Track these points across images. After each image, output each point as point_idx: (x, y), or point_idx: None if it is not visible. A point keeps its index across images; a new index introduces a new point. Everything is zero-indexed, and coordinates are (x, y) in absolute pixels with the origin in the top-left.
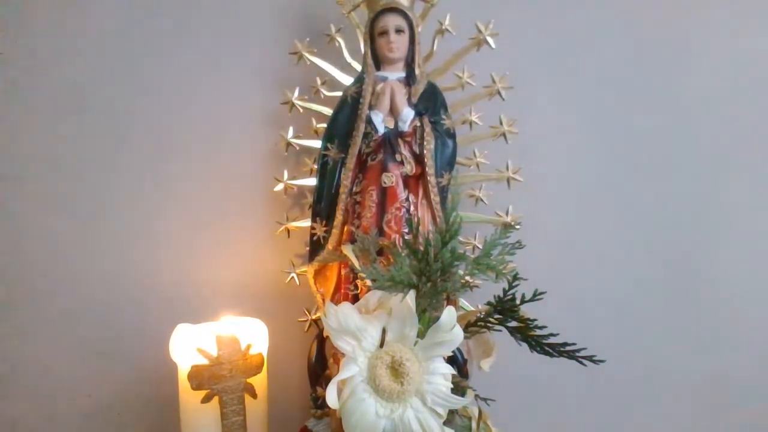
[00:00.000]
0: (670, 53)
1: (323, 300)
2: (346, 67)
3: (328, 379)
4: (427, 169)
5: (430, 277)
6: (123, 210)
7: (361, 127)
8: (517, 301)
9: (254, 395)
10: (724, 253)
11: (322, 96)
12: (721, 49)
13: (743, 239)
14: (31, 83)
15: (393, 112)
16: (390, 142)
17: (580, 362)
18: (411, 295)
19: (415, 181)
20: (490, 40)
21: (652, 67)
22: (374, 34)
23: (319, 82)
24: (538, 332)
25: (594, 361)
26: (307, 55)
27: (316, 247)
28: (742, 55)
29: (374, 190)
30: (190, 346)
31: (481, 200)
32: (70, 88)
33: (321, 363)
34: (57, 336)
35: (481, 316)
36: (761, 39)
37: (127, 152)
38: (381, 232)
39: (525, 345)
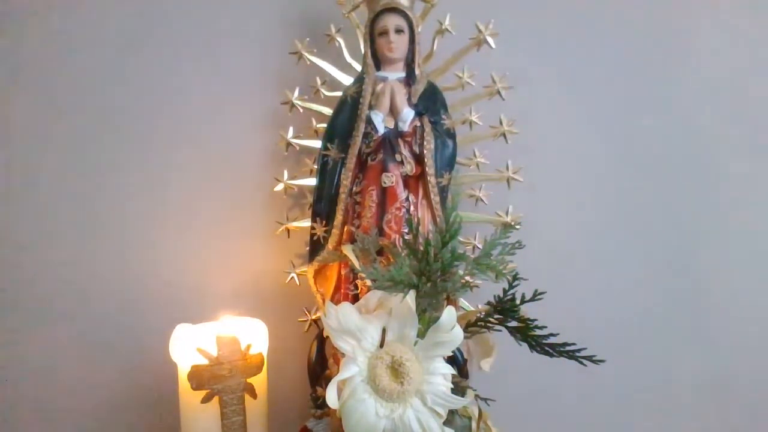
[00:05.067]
0: (671, 53)
1: (323, 300)
2: (346, 67)
3: (328, 379)
4: (427, 169)
5: (430, 277)
6: (122, 210)
7: (361, 127)
8: (517, 301)
9: (254, 395)
10: (725, 252)
11: (322, 96)
12: (722, 49)
13: (744, 239)
14: (30, 84)
15: (393, 112)
16: (390, 142)
17: (580, 362)
18: (411, 295)
19: (415, 181)
20: (490, 40)
21: (652, 66)
22: (374, 34)
23: (319, 82)
24: (538, 332)
25: (594, 361)
26: (307, 55)
27: (316, 247)
28: (743, 54)
29: (374, 190)
30: (190, 346)
31: (481, 200)
32: (69, 88)
33: (321, 363)
34: (57, 336)
35: (481, 316)
36: (762, 38)
37: (127, 152)
38: (381, 232)
39: (525, 345)
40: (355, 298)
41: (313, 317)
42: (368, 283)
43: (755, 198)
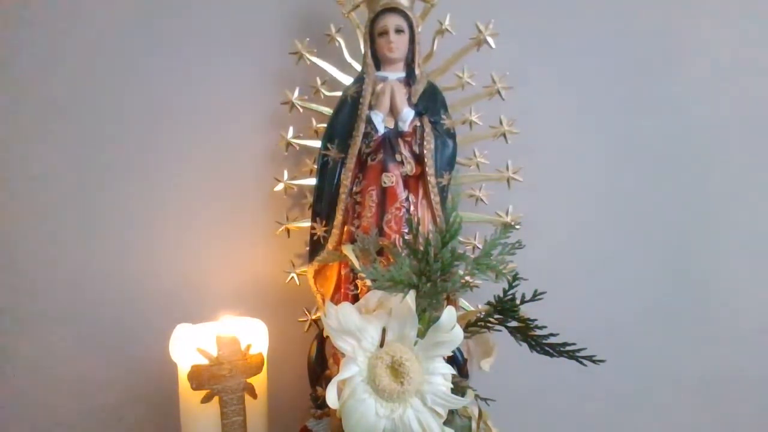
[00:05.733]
0: (672, 53)
1: (323, 300)
2: (346, 67)
3: (328, 379)
4: (427, 169)
5: (430, 277)
6: (122, 210)
7: (361, 127)
8: (517, 301)
9: (254, 395)
10: (725, 252)
11: (322, 96)
12: (721, 49)
13: (744, 239)
14: (28, 83)
15: (393, 112)
16: (390, 142)
17: (580, 362)
18: (411, 295)
19: (415, 181)
20: (490, 40)
21: (653, 66)
22: (374, 34)
23: (319, 82)
24: (538, 332)
25: (594, 361)
26: (307, 55)
27: (316, 247)
28: (743, 54)
29: (374, 190)
30: (190, 346)
31: (481, 200)
32: (68, 88)
33: (321, 363)
34: (57, 337)
35: (481, 316)
36: (762, 38)
37: (127, 152)
38: (381, 232)
39: (525, 345)
40: (355, 298)
41: (313, 317)
42: (368, 283)
43: (755, 197)
